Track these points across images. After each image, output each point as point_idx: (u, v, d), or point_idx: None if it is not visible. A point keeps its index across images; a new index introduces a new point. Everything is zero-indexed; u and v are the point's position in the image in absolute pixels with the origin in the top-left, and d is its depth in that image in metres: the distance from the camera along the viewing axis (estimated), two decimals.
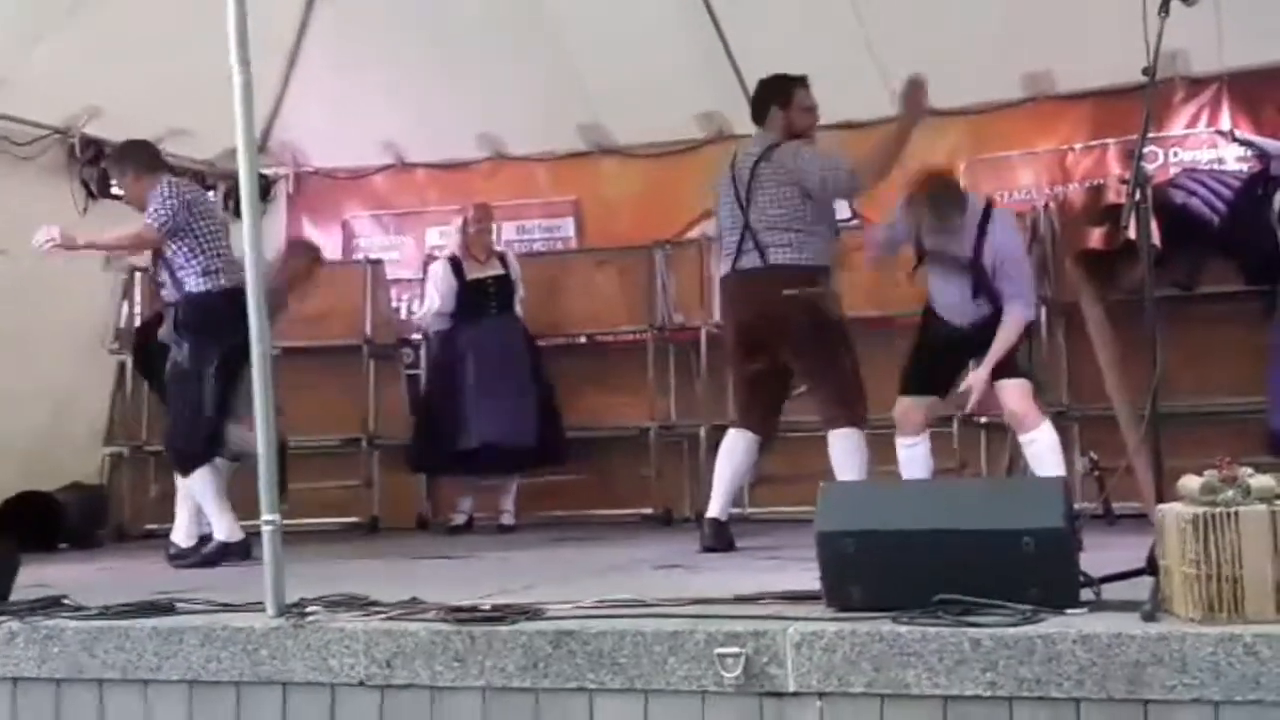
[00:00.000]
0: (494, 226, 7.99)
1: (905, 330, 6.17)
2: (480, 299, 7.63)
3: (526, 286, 7.86)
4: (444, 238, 8.46)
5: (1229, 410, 6.38)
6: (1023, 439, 5.60)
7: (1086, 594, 3.18)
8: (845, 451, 5.49)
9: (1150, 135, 4.31)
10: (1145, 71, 3.90)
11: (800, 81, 5.78)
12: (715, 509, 5.65)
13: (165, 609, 3.75)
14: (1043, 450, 5.50)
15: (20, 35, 6.71)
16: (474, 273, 7.70)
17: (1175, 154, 7.63)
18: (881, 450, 5.68)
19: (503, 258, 7.82)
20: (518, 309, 7.78)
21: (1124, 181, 5.34)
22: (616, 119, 8.45)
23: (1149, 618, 2.90)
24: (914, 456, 5.67)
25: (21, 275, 7.02)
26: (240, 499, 5.65)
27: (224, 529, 5.80)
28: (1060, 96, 7.82)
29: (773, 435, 5.87)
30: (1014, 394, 5.57)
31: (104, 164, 7.65)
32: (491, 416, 7.42)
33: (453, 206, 8.49)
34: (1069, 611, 3.03)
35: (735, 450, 5.73)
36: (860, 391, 5.64)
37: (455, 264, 7.70)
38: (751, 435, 5.73)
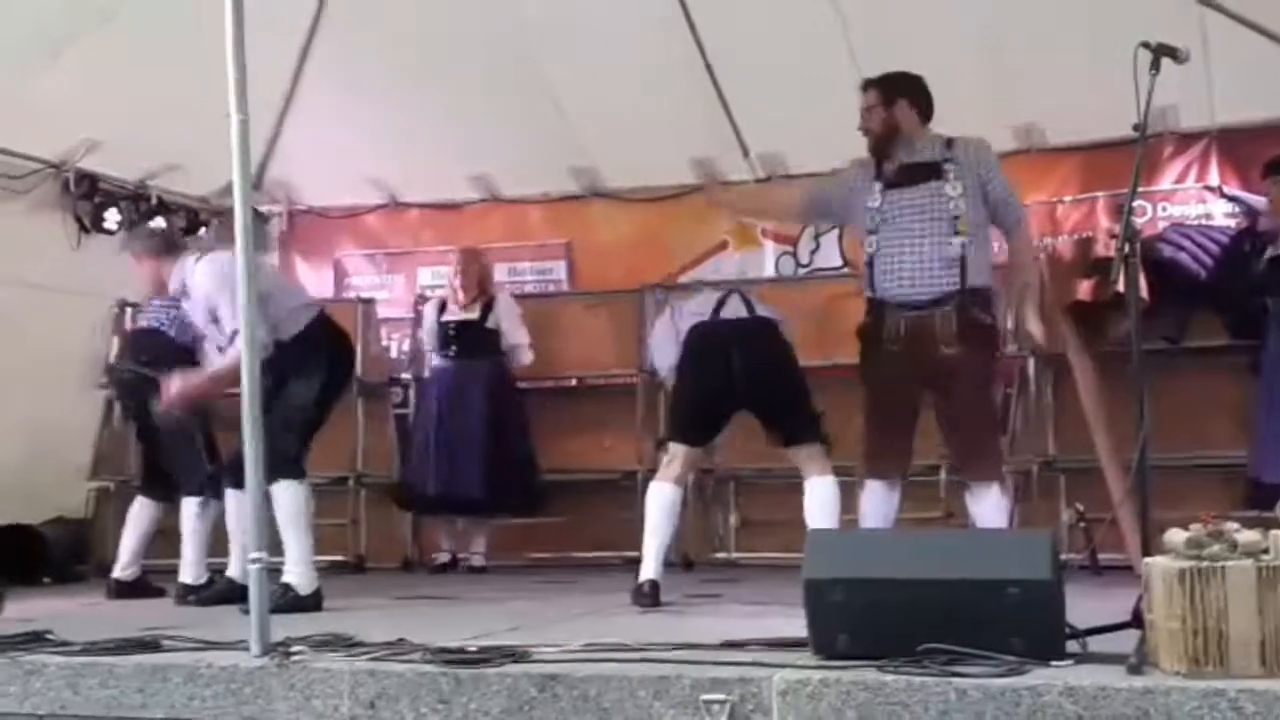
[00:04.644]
0: (479, 270, 7.92)
1: None
2: (446, 342, 7.77)
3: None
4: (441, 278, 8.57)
5: (1216, 464, 6.39)
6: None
7: (1072, 646, 3.18)
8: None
9: (1139, 190, 4.33)
10: (1136, 127, 3.95)
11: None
12: None
13: (150, 646, 3.74)
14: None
15: (13, 69, 6.72)
16: (450, 315, 7.81)
17: (1164, 209, 7.66)
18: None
19: (489, 303, 7.82)
20: (516, 356, 7.76)
21: (1113, 235, 5.38)
22: (609, 163, 8.49)
23: (1135, 671, 2.90)
24: None
25: (9, 309, 7.03)
26: None
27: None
28: (1051, 149, 7.86)
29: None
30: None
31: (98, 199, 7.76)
32: (437, 463, 7.57)
33: (444, 247, 8.59)
34: (1055, 663, 3.03)
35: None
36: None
37: (442, 305, 7.88)
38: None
